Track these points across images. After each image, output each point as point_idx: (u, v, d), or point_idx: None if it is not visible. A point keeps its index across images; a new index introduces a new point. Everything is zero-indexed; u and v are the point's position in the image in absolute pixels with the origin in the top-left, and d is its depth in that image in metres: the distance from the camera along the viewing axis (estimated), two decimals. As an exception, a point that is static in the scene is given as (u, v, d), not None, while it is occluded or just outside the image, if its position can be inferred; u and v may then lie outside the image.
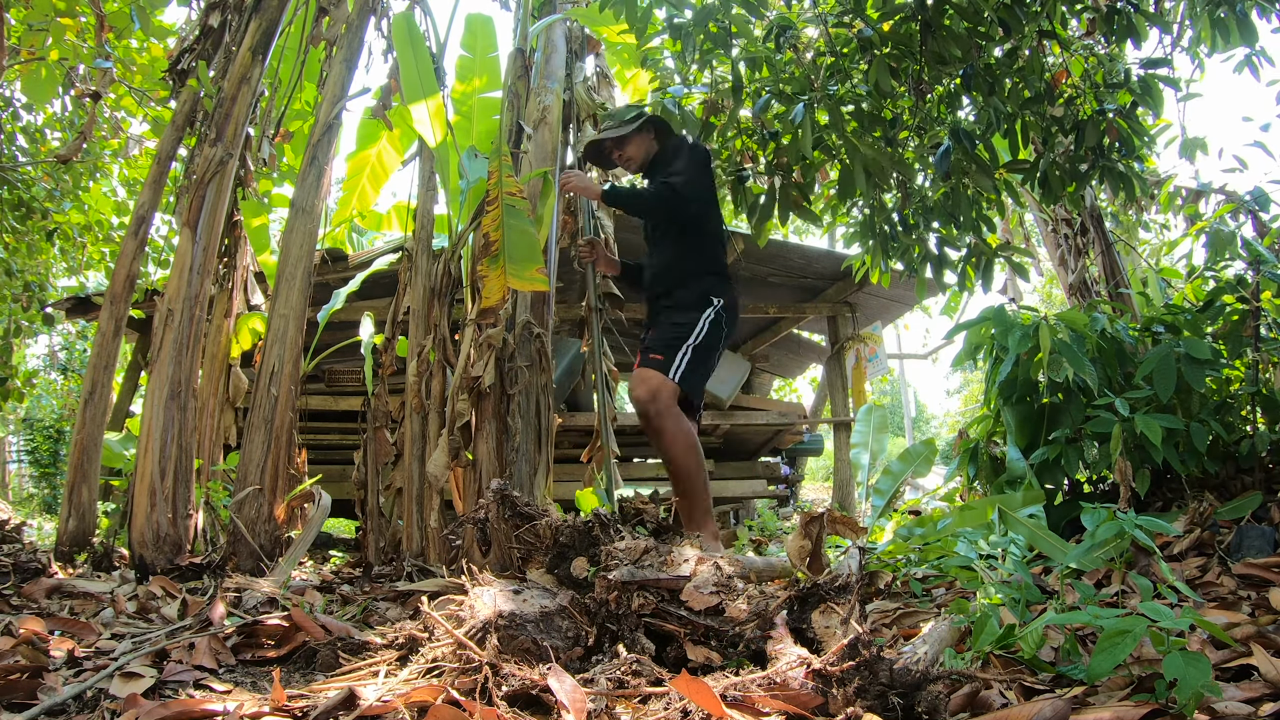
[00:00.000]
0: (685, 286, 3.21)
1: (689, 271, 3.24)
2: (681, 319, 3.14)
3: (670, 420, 2.95)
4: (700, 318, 3.11)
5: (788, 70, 3.38)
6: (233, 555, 2.98)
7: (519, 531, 1.84)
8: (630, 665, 1.24)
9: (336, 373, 6.80)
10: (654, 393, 2.98)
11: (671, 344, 3.06)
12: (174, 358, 3.09)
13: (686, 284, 3.21)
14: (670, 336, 3.10)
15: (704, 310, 3.13)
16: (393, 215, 6.12)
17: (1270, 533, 2.22)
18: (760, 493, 7.89)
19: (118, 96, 5.36)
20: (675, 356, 3.03)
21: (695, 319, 3.11)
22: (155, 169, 3.57)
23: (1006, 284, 8.85)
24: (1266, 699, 1.20)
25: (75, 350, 13.48)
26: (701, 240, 3.28)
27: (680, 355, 3.03)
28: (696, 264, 3.25)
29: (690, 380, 3.05)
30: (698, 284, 3.19)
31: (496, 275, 2.95)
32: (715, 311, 3.14)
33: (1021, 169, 3.56)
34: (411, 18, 3.60)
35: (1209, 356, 2.61)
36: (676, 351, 3.04)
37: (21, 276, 5.64)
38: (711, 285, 3.20)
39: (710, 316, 3.12)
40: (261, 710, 1.22)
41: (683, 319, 3.13)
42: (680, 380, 3.00)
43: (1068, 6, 3.30)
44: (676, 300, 3.22)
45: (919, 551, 2.62)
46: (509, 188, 3.00)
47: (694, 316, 3.12)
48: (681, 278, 3.25)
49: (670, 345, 3.06)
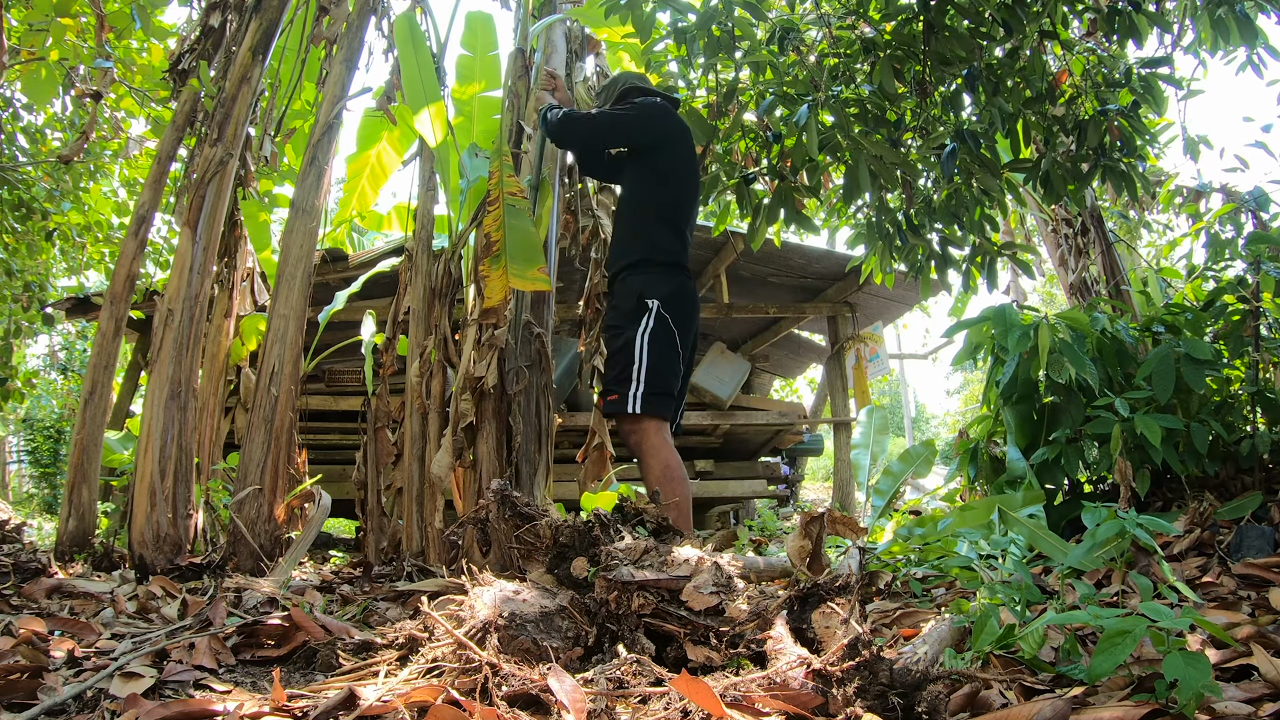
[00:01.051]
0: (622, 283, 3.04)
1: (626, 261, 3.07)
2: (619, 344, 2.96)
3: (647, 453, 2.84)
4: (638, 333, 2.90)
5: (791, 73, 3.38)
6: (233, 555, 2.98)
7: (519, 531, 1.84)
8: (630, 665, 1.24)
9: (336, 373, 6.80)
10: (630, 429, 2.89)
11: (620, 378, 2.90)
12: (174, 358, 3.09)
13: (623, 279, 3.05)
14: (615, 370, 2.94)
15: (640, 320, 2.92)
16: (393, 215, 6.13)
17: (1270, 533, 2.22)
18: (760, 493, 7.90)
19: (118, 97, 5.36)
20: (628, 391, 2.86)
21: (633, 336, 2.91)
22: (155, 169, 3.57)
23: (1010, 285, 8.84)
24: (1266, 699, 1.20)
25: (75, 350, 13.50)
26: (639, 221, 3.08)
27: (633, 388, 2.86)
28: (633, 250, 3.06)
29: (654, 404, 2.87)
30: (631, 282, 3.01)
31: (498, 275, 2.93)
32: (653, 316, 2.92)
33: (1023, 168, 3.56)
34: (414, 18, 3.61)
35: (1209, 357, 2.61)
36: (628, 385, 2.87)
37: (21, 276, 5.65)
38: (646, 281, 2.98)
39: (649, 327, 2.91)
40: (261, 710, 1.22)
41: (620, 344, 2.96)
42: (644, 410, 2.85)
43: (1069, 7, 3.31)
44: (615, 301, 3.07)
45: (919, 551, 2.62)
46: (510, 188, 2.99)
47: (631, 334, 2.92)
48: (619, 268, 3.09)
49: (619, 380, 2.90)
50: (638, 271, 3.02)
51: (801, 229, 3.86)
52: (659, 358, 2.90)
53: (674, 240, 3.09)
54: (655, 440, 2.85)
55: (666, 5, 3.33)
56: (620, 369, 2.92)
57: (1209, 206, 4.49)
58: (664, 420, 2.91)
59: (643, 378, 2.86)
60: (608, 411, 2.96)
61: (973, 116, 3.50)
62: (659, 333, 2.92)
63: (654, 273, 3.01)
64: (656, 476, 2.81)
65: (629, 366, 2.88)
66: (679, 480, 2.81)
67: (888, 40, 3.16)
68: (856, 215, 4.16)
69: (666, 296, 2.96)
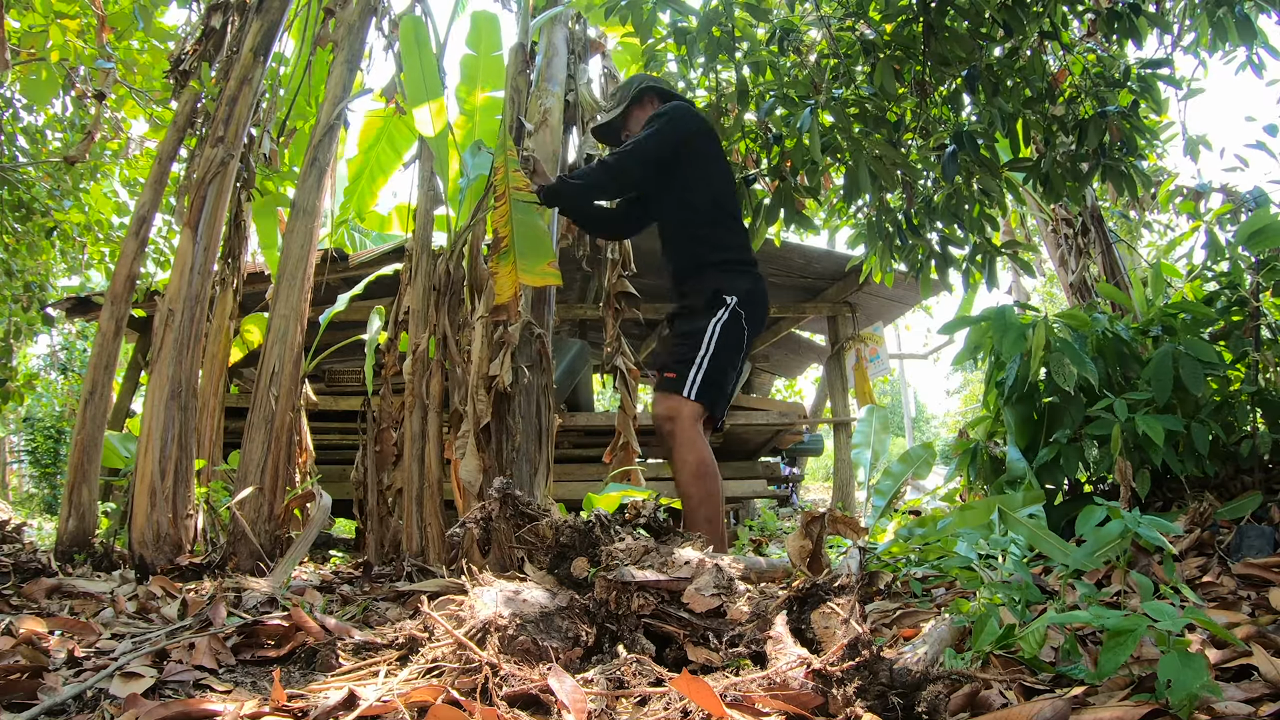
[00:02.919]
0: (695, 289, 2.96)
1: (693, 268, 2.99)
2: (690, 327, 2.90)
3: (683, 444, 2.75)
4: (710, 323, 2.85)
5: (791, 74, 3.38)
6: (233, 555, 2.98)
7: (521, 531, 1.85)
8: (630, 665, 1.24)
9: (337, 373, 6.81)
10: (672, 413, 2.80)
11: (683, 359, 2.83)
12: (174, 358, 3.09)
13: (696, 285, 2.97)
14: (680, 350, 2.87)
15: (714, 313, 2.86)
16: (394, 216, 6.13)
17: (1270, 533, 2.22)
18: (760, 493, 7.90)
19: (119, 97, 5.36)
20: (688, 373, 2.79)
21: (704, 326, 2.85)
22: (156, 169, 3.58)
23: (1012, 286, 8.86)
24: (1266, 699, 1.20)
25: (75, 350, 13.51)
26: (700, 227, 3.00)
27: (694, 370, 2.79)
28: (700, 256, 2.98)
29: (709, 394, 2.81)
30: (706, 283, 2.94)
31: (507, 271, 2.86)
32: (729, 311, 2.86)
33: (1023, 168, 3.56)
34: (420, 21, 3.60)
35: (1210, 358, 2.61)
36: (689, 367, 2.80)
37: (21, 277, 5.65)
38: (722, 280, 2.91)
39: (723, 319, 2.85)
40: (261, 710, 1.22)
41: (691, 327, 2.90)
42: (698, 396, 2.78)
43: (1069, 7, 3.31)
44: (689, 305, 2.98)
45: (919, 551, 2.62)
46: (516, 182, 2.91)
47: (703, 324, 2.86)
48: (687, 278, 3.01)
49: (681, 360, 2.83)
50: (716, 269, 2.95)
51: (802, 229, 3.86)
52: (725, 350, 2.85)
53: (743, 237, 3.05)
54: (691, 432, 2.78)
55: (667, 5, 3.33)
56: (684, 350, 2.85)
57: (1209, 206, 4.49)
58: (706, 414, 2.85)
59: (705, 365, 2.80)
60: (662, 388, 2.87)
61: (973, 117, 3.50)
62: (731, 326, 2.86)
63: (732, 270, 2.95)
64: (691, 468, 2.73)
65: (695, 350, 2.82)
66: (712, 477, 2.75)
67: (888, 41, 3.17)
68: (857, 215, 4.16)
69: (745, 294, 2.91)
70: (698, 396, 2.78)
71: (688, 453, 2.75)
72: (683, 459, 2.75)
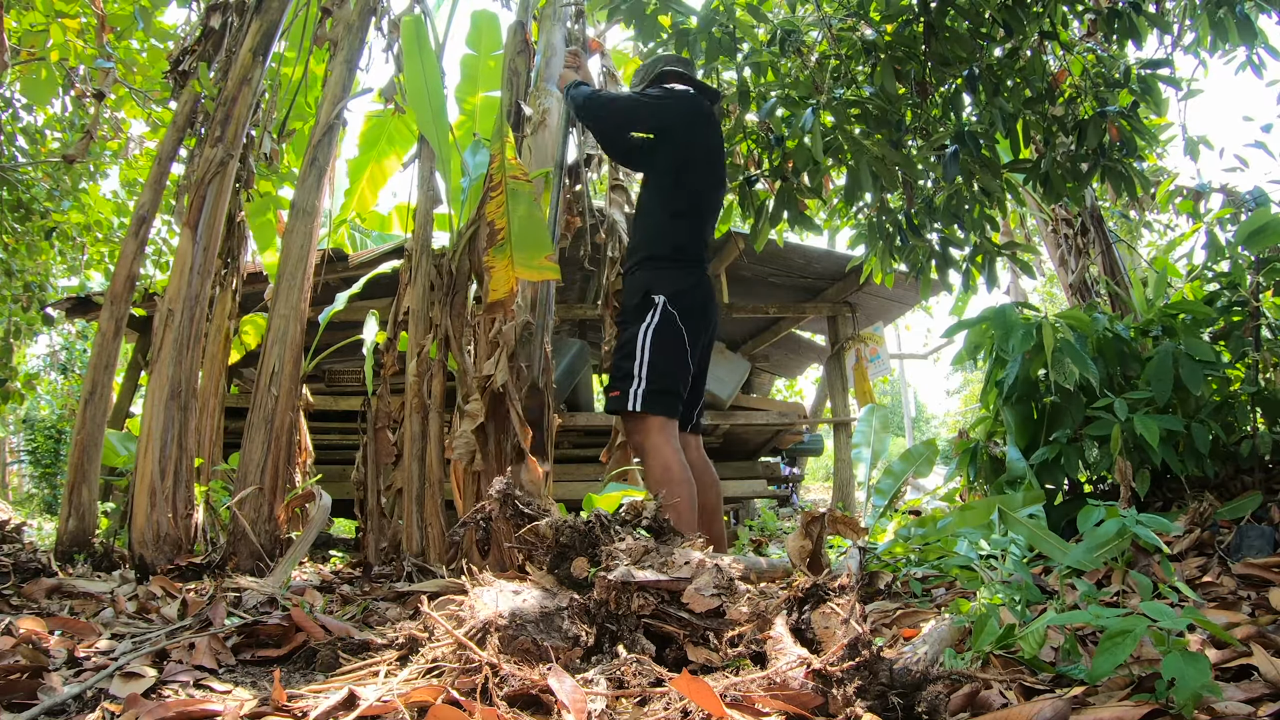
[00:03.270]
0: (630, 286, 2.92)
1: (636, 257, 2.94)
2: (624, 336, 2.86)
3: (647, 454, 2.73)
4: (640, 331, 2.78)
5: (792, 74, 3.38)
6: (233, 555, 2.98)
7: (520, 531, 1.85)
8: (630, 665, 1.24)
9: (336, 373, 6.81)
10: (630, 429, 2.80)
11: (624, 374, 2.78)
12: (174, 358, 3.09)
13: (630, 281, 2.93)
14: (620, 365, 2.83)
15: (644, 317, 2.79)
16: (394, 216, 6.13)
17: (1270, 533, 2.22)
18: (760, 493, 7.90)
19: (119, 97, 5.37)
20: (629, 388, 2.75)
21: (634, 334, 2.79)
22: (156, 169, 3.58)
23: (1010, 287, 8.86)
24: (1266, 699, 1.20)
25: (75, 350, 13.51)
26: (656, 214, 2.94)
27: (634, 384, 2.74)
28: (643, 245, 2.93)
29: (660, 402, 2.74)
30: (637, 280, 2.89)
31: (504, 265, 2.75)
32: (659, 313, 2.78)
33: (1023, 168, 3.56)
34: (422, 22, 3.59)
35: (1209, 358, 2.61)
36: (630, 382, 2.75)
37: (21, 277, 5.65)
38: (652, 279, 2.85)
39: (653, 323, 2.78)
40: (261, 710, 1.22)
41: (625, 336, 2.85)
42: (646, 408, 2.73)
43: (1069, 7, 3.31)
44: (624, 304, 2.93)
45: (919, 551, 2.62)
46: (513, 170, 2.82)
47: (634, 331, 2.80)
48: (627, 270, 2.97)
49: (622, 376, 2.79)
50: (646, 267, 2.91)
51: (803, 229, 3.86)
52: (662, 355, 2.78)
53: (687, 235, 2.95)
54: (657, 439, 2.74)
55: (668, 6, 3.33)
56: (624, 363, 2.80)
57: (1209, 206, 4.49)
58: (669, 419, 2.80)
59: (644, 374, 2.74)
60: (610, 409, 2.86)
61: (973, 117, 3.50)
62: (664, 329, 2.79)
63: (663, 268, 2.88)
64: (656, 477, 2.71)
65: (631, 363, 2.77)
66: (679, 481, 2.67)
67: (888, 42, 3.17)
68: (857, 215, 4.16)
69: (674, 293, 2.83)
70: (645, 408, 2.73)
71: (652, 460, 2.72)
72: (648, 466, 2.74)
